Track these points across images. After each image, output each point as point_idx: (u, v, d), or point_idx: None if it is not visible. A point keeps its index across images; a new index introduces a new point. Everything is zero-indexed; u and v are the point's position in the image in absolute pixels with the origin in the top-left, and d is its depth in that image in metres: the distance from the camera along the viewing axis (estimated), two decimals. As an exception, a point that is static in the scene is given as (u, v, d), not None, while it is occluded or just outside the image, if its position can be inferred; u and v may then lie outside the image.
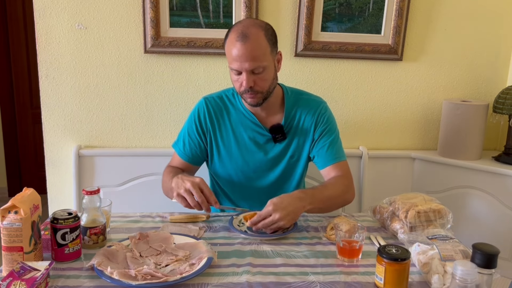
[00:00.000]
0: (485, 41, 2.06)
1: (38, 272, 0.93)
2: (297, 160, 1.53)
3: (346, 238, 1.13)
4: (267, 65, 1.35)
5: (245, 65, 1.32)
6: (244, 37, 1.30)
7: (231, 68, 1.36)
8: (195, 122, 1.52)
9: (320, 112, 1.51)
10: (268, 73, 1.37)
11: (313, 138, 1.50)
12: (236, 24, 1.39)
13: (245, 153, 1.50)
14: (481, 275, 0.87)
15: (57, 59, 1.89)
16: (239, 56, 1.31)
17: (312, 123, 1.50)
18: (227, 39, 1.36)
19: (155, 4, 1.83)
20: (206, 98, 1.54)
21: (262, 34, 1.34)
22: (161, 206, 1.61)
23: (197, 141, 1.52)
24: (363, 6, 1.95)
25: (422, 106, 2.11)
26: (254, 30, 1.33)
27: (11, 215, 1.00)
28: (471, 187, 1.92)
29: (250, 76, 1.33)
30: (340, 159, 1.49)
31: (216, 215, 1.43)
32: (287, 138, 1.50)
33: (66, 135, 1.96)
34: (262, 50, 1.33)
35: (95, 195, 1.17)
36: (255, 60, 1.32)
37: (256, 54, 1.31)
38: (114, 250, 1.11)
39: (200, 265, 1.05)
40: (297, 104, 1.51)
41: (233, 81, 1.41)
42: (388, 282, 0.97)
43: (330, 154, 1.48)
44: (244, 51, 1.30)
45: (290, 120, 1.50)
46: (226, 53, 1.37)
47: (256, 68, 1.33)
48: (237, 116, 1.51)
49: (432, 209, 1.24)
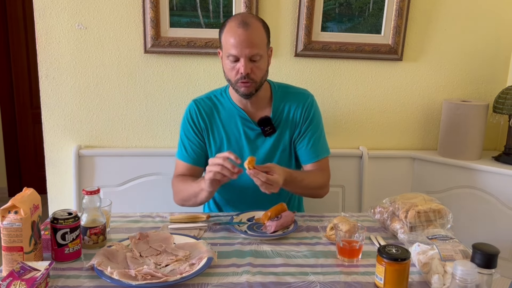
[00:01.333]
0: (485, 41, 2.06)
1: (38, 272, 0.93)
2: (290, 153, 1.56)
3: (346, 238, 1.13)
4: (263, 54, 1.40)
5: (245, 51, 1.35)
6: (245, 24, 1.35)
7: (229, 55, 1.37)
8: (189, 123, 1.54)
9: (308, 106, 1.54)
10: (263, 63, 1.42)
11: (300, 131, 1.54)
12: (234, 15, 1.44)
13: (237, 150, 1.51)
14: (481, 275, 0.87)
15: (57, 59, 1.89)
16: (239, 42, 1.34)
17: (300, 116, 1.53)
18: (225, 28, 1.39)
19: (155, 4, 1.83)
20: (195, 100, 1.57)
21: (261, 25, 1.41)
22: (161, 206, 1.61)
23: (196, 141, 1.54)
24: (363, 6, 1.95)
25: (422, 106, 2.11)
26: (254, 20, 1.39)
27: (11, 215, 1.00)
28: (471, 187, 1.92)
29: (248, 63, 1.37)
30: (322, 156, 1.55)
31: (216, 215, 1.44)
32: (277, 131, 1.52)
33: (66, 135, 1.96)
34: (261, 39, 1.39)
35: (95, 195, 1.17)
36: (255, 47, 1.36)
37: (256, 41, 1.37)
38: (114, 250, 1.11)
39: (200, 265, 1.05)
40: (285, 98, 1.55)
41: (227, 70, 1.42)
42: (388, 282, 0.97)
43: (313, 151, 1.54)
44: (246, 37, 1.34)
45: (279, 113, 1.53)
46: (223, 41, 1.40)
47: (255, 56, 1.37)
48: (226, 113, 1.53)
49: (432, 209, 1.24)
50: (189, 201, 1.46)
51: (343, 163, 2.02)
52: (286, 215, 1.32)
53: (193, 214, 1.40)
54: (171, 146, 2.01)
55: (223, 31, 1.40)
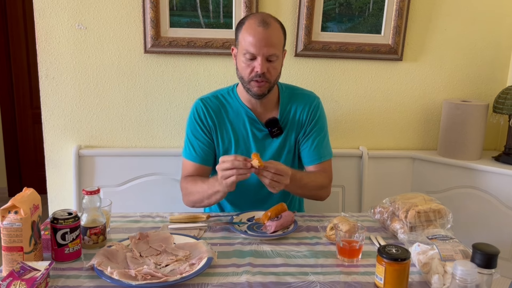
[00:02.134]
0: (485, 41, 2.06)
1: (38, 272, 0.93)
2: (294, 154, 1.56)
3: (346, 238, 1.13)
4: (280, 55, 1.41)
5: (263, 50, 1.35)
6: (265, 23, 1.36)
7: (246, 52, 1.37)
8: (197, 122, 1.52)
9: (314, 108, 1.54)
10: (278, 63, 1.42)
11: (305, 132, 1.54)
12: (253, 14, 1.47)
13: (244, 150, 1.51)
14: (481, 275, 0.87)
15: (57, 59, 1.89)
16: (259, 40, 1.35)
17: (306, 118, 1.53)
18: (244, 25, 1.39)
19: (155, 4, 1.83)
20: (202, 98, 1.55)
21: (279, 26, 1.42)
22: (161, 206, 1.61)
23: (205, 140, 1.51)
24: (363, 6, 1.95)
25: (422, 106, 2.11)
26: (273, 21, 1.40)
27: (11, 215, 1.00)
28: (471, 187, 1.92)
29: (264, 62, 1.37)
30: (325, 158, 1.55)
31: (216, 215, 1.44)
32: (284, 133, 1.52)
33: (66, 135, 1.96)
34: (279, 39, 1.41)
35: (95, 195, 1.17)
36: (274, 47, 1.37)
37: (275, 41, 1.38)
38: (114, 250, 1.11)
39: (200, 265, 1.05)
40: (292, 99, 1.55)
41: (242, 67, 1.41)
42: (388, 282, 0.97)
43: (316, 153, 1.53)
44: (265, 36, 1.35)
45: (286, 114, 1.53)
46: (241, 38, 1.39)
47: (272, 56, 1.37)
48: (234, 113, 1.52)
49: (432, 209, 1.24)
50: (202, 203, 1.44)
51: (343, 163, 2.02)
52: (286, 215, 1.32)
53: (193, 214, 1.40)
54: (171, 146, 2.02)
55: (241, 28, 1.40)
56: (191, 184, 1.46)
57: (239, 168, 1.23)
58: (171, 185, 1.92)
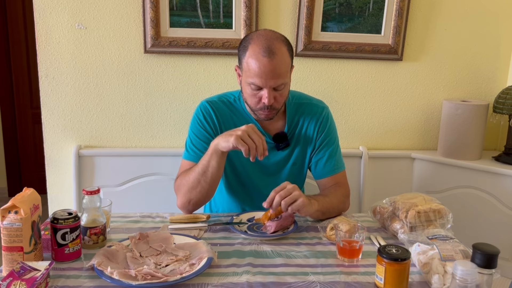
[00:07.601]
0: (485, 41, 2.06)
1: (38, 272, 0.93)
2: (300, 167, 1.50)
3: (346, 238, 1.13)
4: (288, 81, 1.33)
5: (270, 82, 1.27)
6: (271, 53, 1.25)
7: (250, 83, 1.29)
8: (201, 123, 1.45)
9: (323, 120, 1.47)
10: (286, 89, 1.35)
11: (315, 146, 1.48)
12: (256, 36, 1.31)
13: (246, 159, 1.46)
14: (481, 275, 0.87)
15: (57, 59, 1.89)
16: (265, 73, 1.26)
17: (314, 131, 1.47)
18: (247, 51, 1.29)
19: (155, 4, 1.83)
20: (208, 100, 1.48)
21: (286, 49, 1.30)
22: (161, 206, 1.61)
23: (208, 140, 1.40)
24: (363, 6, 1.95)
25: (422, 106, 2.11)
26: (279, 45, 1.28)
27: (11, 215, 1.00)
28: (471, 187, 1.92)
29: (271, 92, 1.29)
30: (339, 170, 1.48)
31: (216, 215, 1.43)
32: (290, 145, 1.47)
33: (66, 135, 1.96)
34: (286, 67, 1.30)
35: (95, 195, 1.16)
36: (280, 77, 1.28)
37: (282, 71, 1.28)
38: (114, 250, 1.11)
39: (200, 265, 1.05)
40: (300, 111, 1.47)
41: (247, 96, 1.34)
42: (388, 282, 0.97)
43: (328, 166, 1.46)
44: (271, 67, 1.25)
45: (293, 127, 1.47)
46: (245, 65, 1.30)
47: (279, 86, 1.29)
48: (240, 122, 1.44)
49: (432, 209, 1.24)
50: (198, 186, 1.33)
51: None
52: (286, 215, 1.31)
53: (193, 214, 1.39)
54: (171, 146, 2.02)
55: (245, 53, 1.30)
56: (183, 176, 1.38)
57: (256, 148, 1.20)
58: (171, 185, 1.89)
